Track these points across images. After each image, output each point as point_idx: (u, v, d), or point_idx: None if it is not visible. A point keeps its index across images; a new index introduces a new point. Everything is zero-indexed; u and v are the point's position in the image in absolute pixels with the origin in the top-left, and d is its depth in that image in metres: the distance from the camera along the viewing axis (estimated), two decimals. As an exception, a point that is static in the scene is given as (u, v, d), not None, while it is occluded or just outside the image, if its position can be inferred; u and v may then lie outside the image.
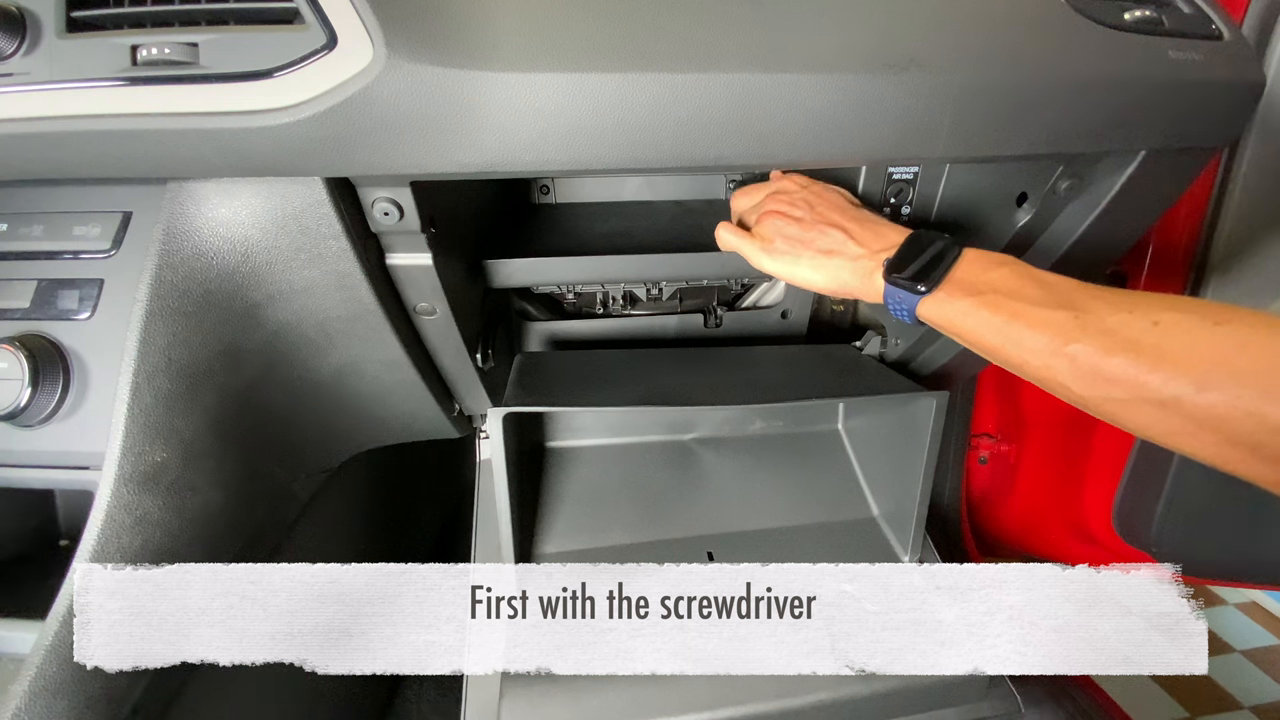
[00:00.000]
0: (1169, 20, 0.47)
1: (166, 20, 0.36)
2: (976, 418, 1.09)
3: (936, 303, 0.43)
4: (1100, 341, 0.36)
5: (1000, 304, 0.40)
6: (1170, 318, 0.35)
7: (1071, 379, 0.38)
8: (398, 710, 0.81)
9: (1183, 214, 0.70)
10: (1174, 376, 0.34)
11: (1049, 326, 0.38)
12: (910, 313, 0.45)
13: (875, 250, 0.47)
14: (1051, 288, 0.40)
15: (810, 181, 0.54)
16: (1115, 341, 0.36)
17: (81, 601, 0.38)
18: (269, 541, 0.58)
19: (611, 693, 0.55)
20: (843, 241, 0.48)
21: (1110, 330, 0.36)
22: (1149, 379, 0.34)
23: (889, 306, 0.46)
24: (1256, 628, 1.50)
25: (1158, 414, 0.35)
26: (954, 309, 0.43)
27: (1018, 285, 0.40)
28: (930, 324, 0.45)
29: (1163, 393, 0.34)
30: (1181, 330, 0.34)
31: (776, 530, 0.72)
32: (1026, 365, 0.40)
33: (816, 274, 0.49)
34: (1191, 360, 0.33)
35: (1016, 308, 0.40)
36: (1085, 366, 0.37)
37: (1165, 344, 0.34)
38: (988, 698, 0.63)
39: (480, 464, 0.77)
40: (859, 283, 0.47)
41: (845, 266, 0.48)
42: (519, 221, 0.69)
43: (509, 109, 0.37)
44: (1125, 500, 0.82)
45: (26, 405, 0.40)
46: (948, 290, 0.43)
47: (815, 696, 0.57)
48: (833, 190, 0.53)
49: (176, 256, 0.42)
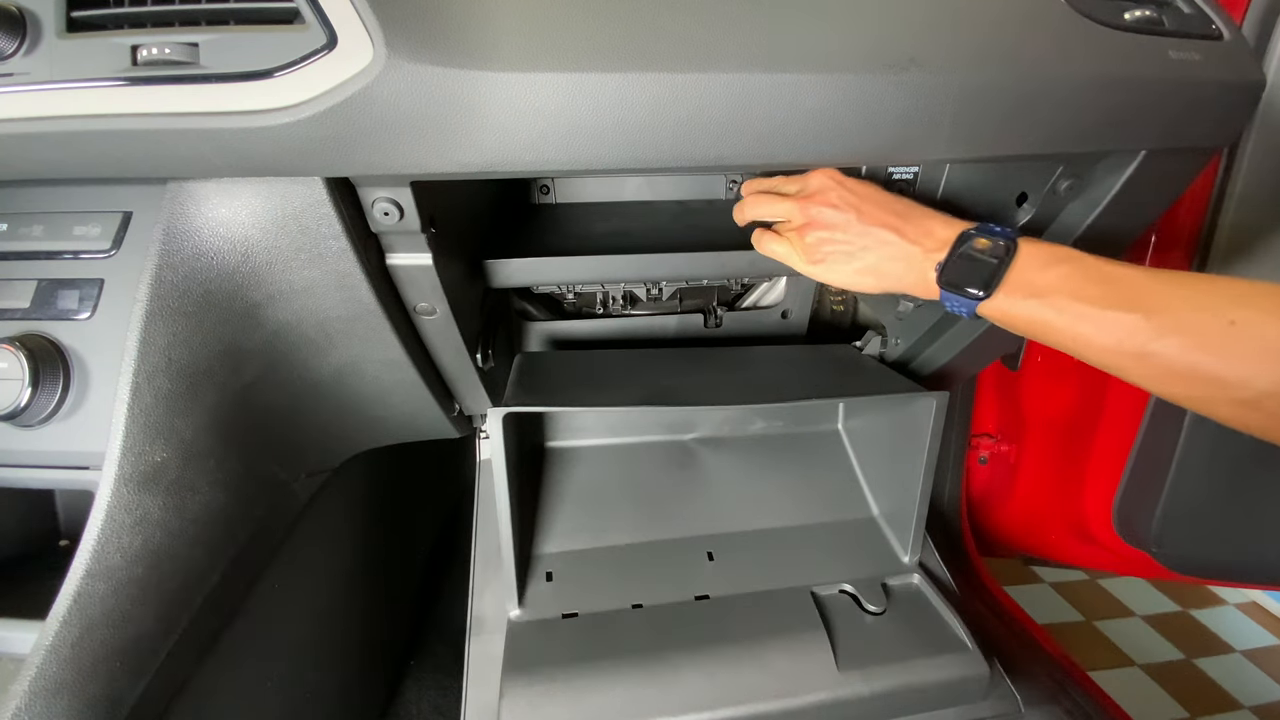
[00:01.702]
0: (1169, 20, 0.47)
1: (167, 20, 0.36)
2: (976, 418, 1.09)
3: (996, 304, 0.42)
4: (1175, 343, 0.35)
5: (1064, 306, 0.39)
6: (1245, 316, 0.34)
7: (1145, 379, 0.37)
8: (398, 710, 0.81)
9: (1183, 214, 0.70)
10: (1254, 378, 0.33)
11: (1118, 328, 0.37)
12: (970, 312, 0.44)
13: (928, 250, 0.46)
14: (1115, 283, 0.38)
15: (844, 178, 0.50)
16: (1190, 344, 0.35)
17: (81, 601, 0.39)
18: (269, 541, 0.58)
19: (611, 693, 0.55)
20: (893, 242, 0.47)
21: (1185, 331, 0.35)
22: (1228, 380, 0.34)
23: (947, 306, 0.45)
24: (1256, 628, 1.50)
25: (1239, 411, 0.35)
26: (1015, 310, 0.42)
27: (1080, 284, 0.39)
28: (993, 322, 0.44)
29: (1243, 393, 0.34)
30: (1258, 330, 0.34)
31: (776, 530, 0.72)
32: (1095, 362, 0.39)
33: (869, 278, 0.48)
34: (1272, 362, 0.33)
35: (1081, 310, 0.39)
36: (1160, 368, 0.36)
37: (1243, 345, 0.34)
38: (988, 698, 0.63)
39: (480, 464, 0.77)
40: (915, 282, 0.47)
41: (899, 268, 0.47)
42: (519, 221, 0.69)
43: (509, 109, 0.37)
44: (1125, 500, 0.82)
45: (26, 405, 0.40)
46: (1007, 291, 0.42)
47: (815, 696, 0.57)
48: (868, 185, 0.50)
49: (176, 256, 0.42)
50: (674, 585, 0.65)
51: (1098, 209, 0.53)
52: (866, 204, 0.48)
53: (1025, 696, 0.65)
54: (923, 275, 0.46)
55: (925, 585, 0.67)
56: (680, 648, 0.58)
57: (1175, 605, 1.55)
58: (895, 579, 0.68)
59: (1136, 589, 1.58)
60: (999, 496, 1.09)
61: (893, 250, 0.47)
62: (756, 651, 0.59)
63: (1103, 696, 0.72)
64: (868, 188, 0.50)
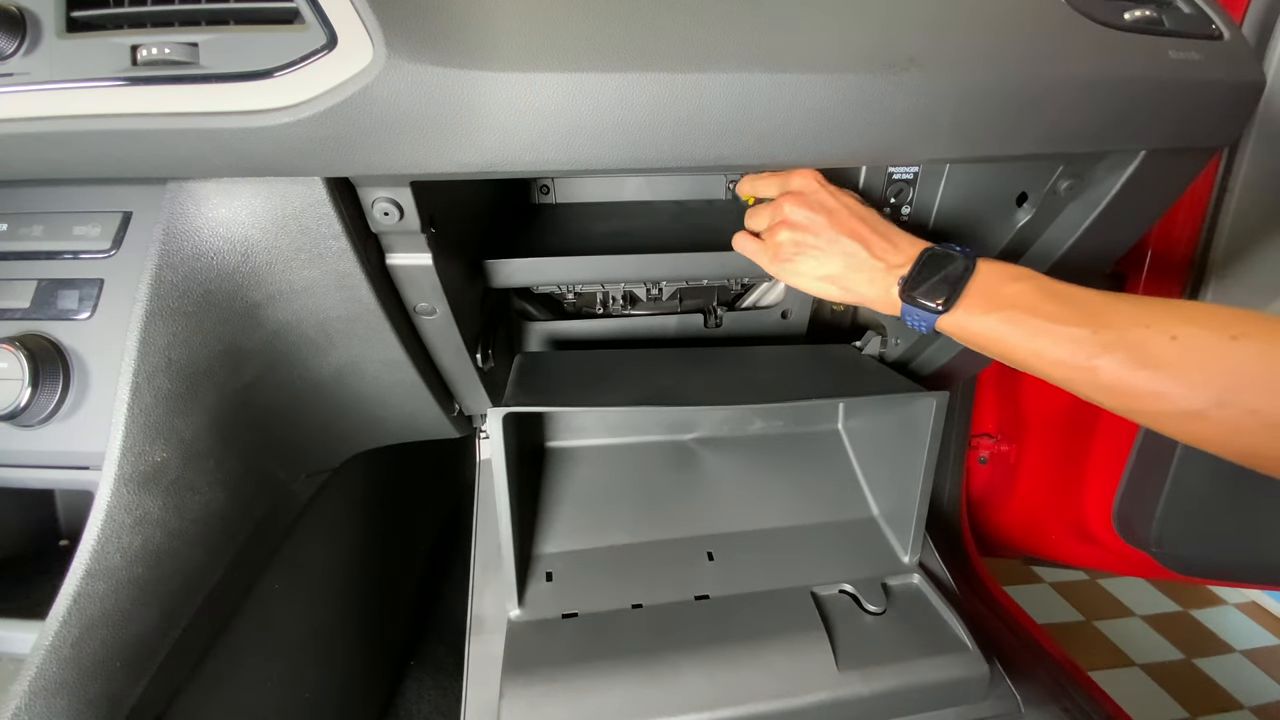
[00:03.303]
0: (1169, 20, 0.47)
1: (166, 20, 0.36)
2: (976, 418, 1.09)
3: (955, 319, 0.44)
4: (1121, 357, 0.37)
5: (1019, 320, 0.41)
6: (1188, 333, 0.35)
7: (1095, 391, 0.39)
8: (398, 710, 0.81)
9: (1183, 214, 0.70)
10: (1196, 391, 0.34)
11: (1070, 342, 0.39)
12: (929, 326, 0.45)
13: (892, 265, 0.47)
14: (1069, 301, 0.40)
15: (825, 183, 0.51)
16: (1135, 357, 0.36)
17: (81, 601, 0.39)
18: (269, 541, 0.58)
19: (611, 693, 0.55)
20: (859, 254, 0.48)
21: (1130, 345, 0.36)
22: (1172, 394, 0.35)
23: (907, 321, 0.46)
24: (1256, 628, 1.50)
25: (1184, 423, 0.36)
26: (973, 325, 0.43)
27: (1035, 300, 0.41)
28: (950, 336, 0.45)
29: (1187, 406, 0.35)
30: (1199, 345, 0.35)
31: (776, 530, 0.72)
32: (1050, 377, 0.41)
33: (832, 286, 0.49)
34: (1212, 375, 0.34)
35: (1036, 324, 0.40)
36: (1108, 381, 0.37)
37: (1184, 360, 0.35)
38: (988, 698, 0.63)
39: (480, 464, 0.77)
40: (877, 296, 0.47)
41: (862, 280, 0.48)
42: (519, 221, 0.69)
43: (509, 109, 0.37)
44: (1125, 500, 0.82)
45: (26, 405, 0.40)
46: (965, 306, 0.43)
47: (815, 696, 0.57)
48: (846, 194, 0.51)
49: (176, 256, 0.42)
50: (674, 585, 0.65)
51: (1097, 209, 0.53)
52: (840, 212, 0.49)
53: (1025, 696, 0.65)
54: (885, 290, 0.47)
55: (925, 585, 0.67)
56: (680, 648, 0.58)
57: (1175, 605, 1.55)
58: (895, 579, 0.68)
59: (1136, 589, 1.58)
60: (999, 496, 1.09)
61: (857, 262, 0.48)
62: (756, 651, 0.59)
63: (1103, 696, 0.72)
64: (846, 196, 0.50)
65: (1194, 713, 1.27)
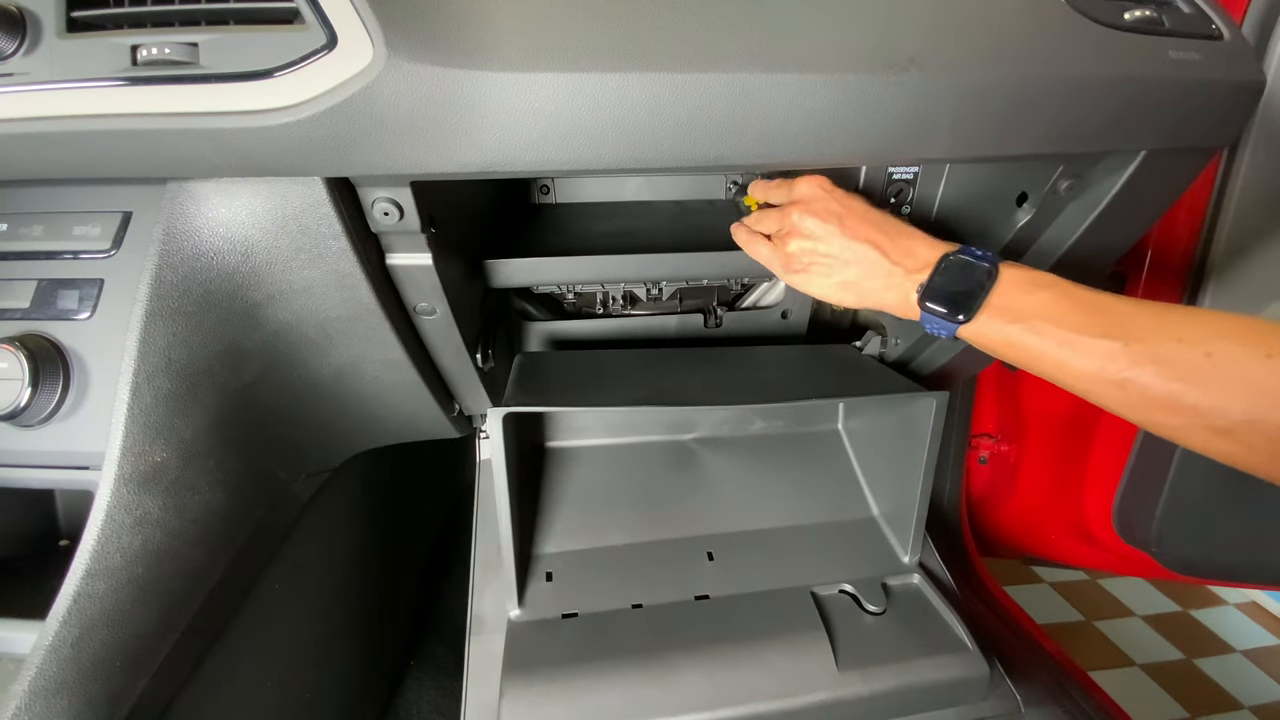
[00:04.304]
0: (1169, 20, 0.47)
1: (166, 20, 0.36)
2: (976, 418, 1.09)
3: (977, 327, 0.43)
4: (1152, 372, 0.36)
5: (1044, 330, 0.40)
6: (1223, 348, 0.34)
7: (1121, 405, 0.38)
8: (398, 710, 0.81)
9: (1183, 214, 0.69)
10: (1229, 409, 0.34)
11: (1097, 355, 0.38)
12: (950, 334, 0.44)
13: (910, 270, 0.46)
14: (1097, 310, 0.39)
15: (833, 187, 0.50)
16: (1168, 373, 0.35)
17: (81, 601, 0.39)
18: (269, 541, 0.58)
19: (611, 693, 0.55)
20: (875, 259, 0.47)
21: (1162, 360, 0.36)
22: (1204, 409, 0.35)
23: (928, 328, 0.45)
24: (1256, 628, 1.50)
25: (1214, 439, 0.35)
26: (996, 334, 0.42)
27: (1061, 310, 0.40)
28: (972, 344, 0.44)
29: (1218, 423, 0.34)
30: (1234, 363, 0.34)
31: (776, 530, 0.72)
32: (1074, 388, 0.40)
33: (850, 294, 0.48)
34: (1246, 394, 0.34)
35: (1062, 335, 0.39)
36: (1137, 396, 0.37)
37: (1219, 377, 0.34)
38: (988, 698, 0.63)
39: (480, 464, 0.77)
40: (896, 302, 0.47)
41: (879, 286, 0.47)
42: (519, 221, 0.69)
43: (509, 109, 0.37)
44: (1125, 500, 0.82)
45: (26, 405, 0.40)
46: (989, 315, 0.42)
47: (815, 696, 0.57)
48: (854, 197, 0.50)
49: (176, 256, 0.42)
50: (674, 585, 0.65)
51: (1097, 209, 0.53)
52: (851, 217, 0.48)
53: (1025, 696, 0.65)
54: (904, 295, 0.46)
55: (925, 585, 0.67)
56: (680, 648, 0.58)
57: (1175, 605, 1.55)
58: (895, 579, 0.68)
59: (1136, 589, 1.58)
60: (999, 496, 1.09)
61: (874, 268, 0.47)
62: (756, 651, 0.59)
63: (1103, 696, 0.72)
64: (854, 200, 0.49)
65: (1194, 713, 1.27)
